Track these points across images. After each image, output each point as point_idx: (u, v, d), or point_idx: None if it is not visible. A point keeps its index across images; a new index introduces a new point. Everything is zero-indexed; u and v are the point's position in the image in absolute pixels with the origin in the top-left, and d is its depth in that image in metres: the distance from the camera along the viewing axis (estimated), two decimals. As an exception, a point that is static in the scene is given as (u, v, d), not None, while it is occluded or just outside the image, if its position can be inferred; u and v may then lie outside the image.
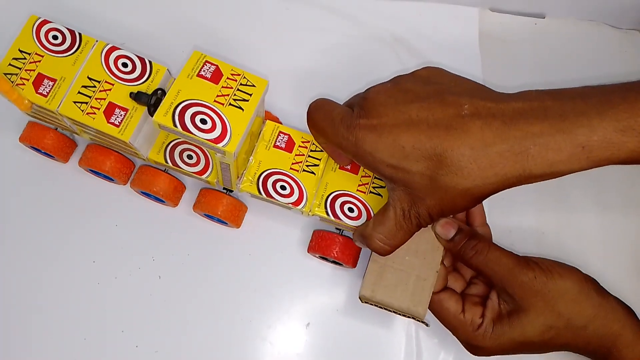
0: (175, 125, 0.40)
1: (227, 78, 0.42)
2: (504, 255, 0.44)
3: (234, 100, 0.41)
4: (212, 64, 0.42)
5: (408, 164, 0.38)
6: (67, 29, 0.47)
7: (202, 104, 0.41)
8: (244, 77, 0.42)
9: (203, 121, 0.40)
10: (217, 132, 0.40)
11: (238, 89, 0.42)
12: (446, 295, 0.46)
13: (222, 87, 0.42)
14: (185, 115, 0.40)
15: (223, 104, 0.41)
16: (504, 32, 0.62)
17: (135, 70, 0.46)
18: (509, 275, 0.43)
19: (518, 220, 0.55)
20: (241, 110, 0.41)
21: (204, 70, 0.42)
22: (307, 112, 0.44)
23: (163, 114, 0.40)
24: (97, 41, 0.47)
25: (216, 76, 0.42)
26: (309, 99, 0.56)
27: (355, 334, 0.51)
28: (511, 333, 0.43)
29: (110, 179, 0.51)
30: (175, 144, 0.49)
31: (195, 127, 0.40)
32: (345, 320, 0.52)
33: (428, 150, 0.37)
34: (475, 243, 0.45)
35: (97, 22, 0.57)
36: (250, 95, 0.42)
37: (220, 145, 0.40)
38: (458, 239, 0.46)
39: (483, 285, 0.48)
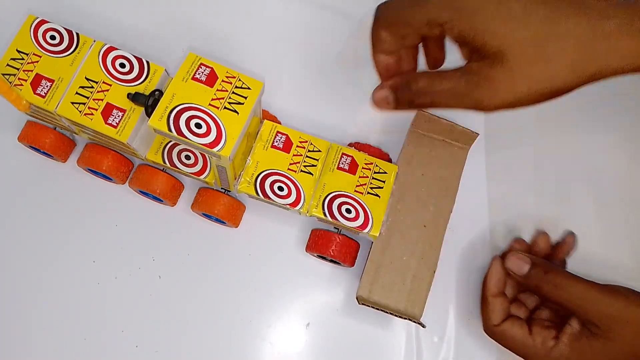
0: (170, 130, 0.39)
1: (222, 81, 0.42)
2: (587, 287, 0.43)
3: (229, 103, 0.41)
4: (207, 66, 0.42)
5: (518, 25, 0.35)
6: (65, 29, 0.47)
7: (197, 107, 0.40)
8: (239, 80, 0.42)
9: (198, 125, 0.40)
10: (211, 136, 0.40)
11: (233, 92, 0.42)
12: (508, 324, 0.45)
13: (217, 90, 0.41)
14: (180, 119, 0.40)
15: (218, 108, 0.41)
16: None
17: (132, 71, 0.46)
18: (596, 307, 0.42)
19: (518, 220, 0.55)
20: (236, 114, 0.41)
21: (198, 73, 0.41)
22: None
23: (158, 119, 0.40)
24: (94, 41, 0.47)
25: (211, 79, 0.42)
26: (307, 98, 0.56)
27: (355, 333, 0.51)
28: (593, 357, 0.42)
29: (108, 179, 0.51)
30: (173, 144, 0.49)
31: (189, 132, 0.40)
32: (345, 320, 0.52)
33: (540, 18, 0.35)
34: (553, 277, 0.44)
35: (96, 21, 0.57)
36: (246, 98, 0.42)
37: (215, 149, 0.40)
38: (534, 274, 0.45)
39: (550, 310, 0.47)
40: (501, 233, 0.54)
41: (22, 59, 0.46)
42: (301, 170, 0.48)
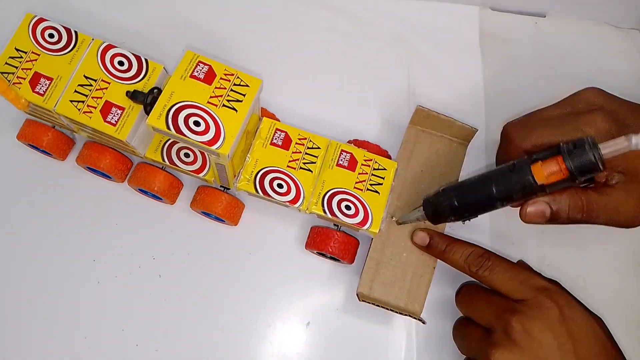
0: (168, 128, 0.39)
1: (221, 78, 0.42)
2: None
3: (228, 101, 0.41)
4: (205, 64, 0.42)
5: None
6: (63, 27, 0.47)
7: (195, 105, 0.40)
8: (238, 77, 0.42)
9: (196, 123, 0.40)
10: (210, 134, 0.40)
11: (232, 90, 0.41)
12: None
13: (216, 87, 0.41)
14: (179, 117, 0.40)
15: (216, 105, 0.41)
16: (504, 31, 0.61)
17: (131, 69, 0.46)
18: None
19: (518, 218, 0.54)
20: (235, 112, 0.41)
21: (197, 71, 0.41)
22: None
23: (156, 117, 0.40)
24: (93, 39, 0.47)
25: (209, 77, 0.41)
26: (306, 96, 0.56)
27: (355, 332, 0.51)
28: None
29: (107, 177, 0.51)
30: (172, 142, 0.49)
31: (188, 130, 0.40)
32: (345, 319, 0.51)
33: None
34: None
35: (94, 20, 0.57)
36: (244, 95, 0.41)
37: (213, 147, 0.40)
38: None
39: None
40: (501, 228, 0.54)
41: (21, 57, 0.46)
42: (300, 167, 0.48)
